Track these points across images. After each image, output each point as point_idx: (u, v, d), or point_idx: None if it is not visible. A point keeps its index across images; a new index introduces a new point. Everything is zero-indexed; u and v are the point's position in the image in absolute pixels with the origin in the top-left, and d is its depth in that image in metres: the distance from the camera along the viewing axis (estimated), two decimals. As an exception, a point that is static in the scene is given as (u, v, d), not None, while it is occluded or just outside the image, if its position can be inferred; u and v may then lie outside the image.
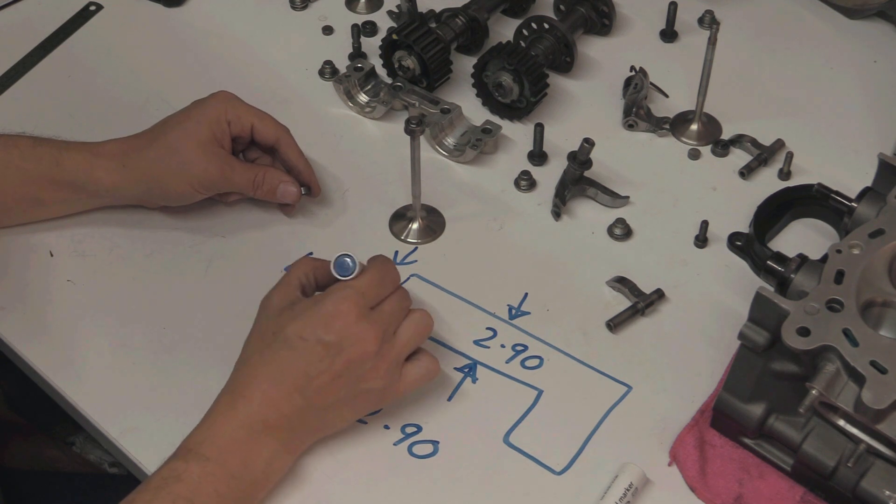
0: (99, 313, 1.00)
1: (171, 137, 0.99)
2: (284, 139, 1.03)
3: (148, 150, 0.99)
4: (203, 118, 1.00)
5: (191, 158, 0.98)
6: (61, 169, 0.98)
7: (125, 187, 1.00)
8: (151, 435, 0.91)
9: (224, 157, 1.00)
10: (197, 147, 0.98)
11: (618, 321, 0.98)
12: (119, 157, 0.99)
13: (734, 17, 1.28)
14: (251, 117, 1.01)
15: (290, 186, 1.02)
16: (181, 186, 1.00)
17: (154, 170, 0.99)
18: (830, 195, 0.97)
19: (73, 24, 1.29)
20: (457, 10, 1.22)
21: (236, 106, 1.01)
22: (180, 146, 0.99)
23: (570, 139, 1.14)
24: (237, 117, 1.01)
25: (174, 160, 0.99)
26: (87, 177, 0.99)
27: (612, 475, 0.87)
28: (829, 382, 0.76)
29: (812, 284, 0.82)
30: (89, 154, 0.99)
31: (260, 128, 1.02)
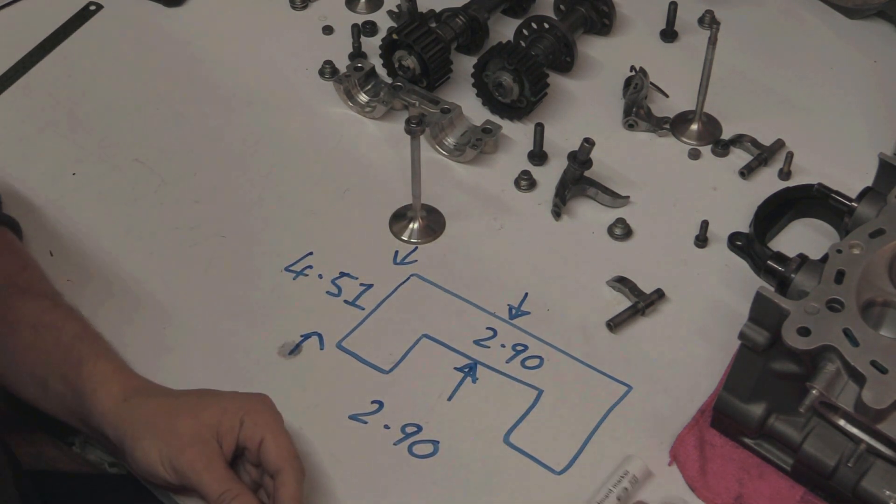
0: (99, 313, 0.99)
1: (182, 401, 0.87)
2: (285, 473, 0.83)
3: (153, 399, 0.88)
4: (224, 402, 0.87)
5: (179, 428, 0.85)
6: (79, 372, 0.88)
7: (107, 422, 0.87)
8: (151, 435, 0.91)
9: (209, 450, 0.84)
10: (192, 422, 0.85)
11: (618, 321, 0.98)
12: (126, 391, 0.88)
13: (734, 17, 1.28)
14: (267, 430, 0.85)
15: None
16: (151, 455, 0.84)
17: (143, 422, 0.86)
18: (831, 195, 0.97)
19: (73, 24, 1.29)
20: (457, 9, 1.22)
21: (261, 412, 0.86)
22: (180, 413, 0.86)
23: (570, 139, 1.14)
24: (254, 422, 0.85)
25: (164, 420, 0.85)
26: (91, 391, 0.88)
27: (611, 475, 0.87)
28: (829, 382, 0.76)
29: (812, 284, 0.82)
30: (110, 371, 0.89)
31: (269, 446, 0.84)
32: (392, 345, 0.97)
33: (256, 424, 0.85)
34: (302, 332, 0.98)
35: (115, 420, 0.86)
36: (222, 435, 0.85)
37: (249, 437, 0.85)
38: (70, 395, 0.89)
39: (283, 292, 1.01)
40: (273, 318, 0.99)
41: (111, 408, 0.87)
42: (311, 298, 1.01)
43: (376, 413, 0.92)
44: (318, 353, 0.97)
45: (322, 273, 1.03)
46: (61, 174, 1.12)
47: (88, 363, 0.89)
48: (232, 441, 0.85)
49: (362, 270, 1.03)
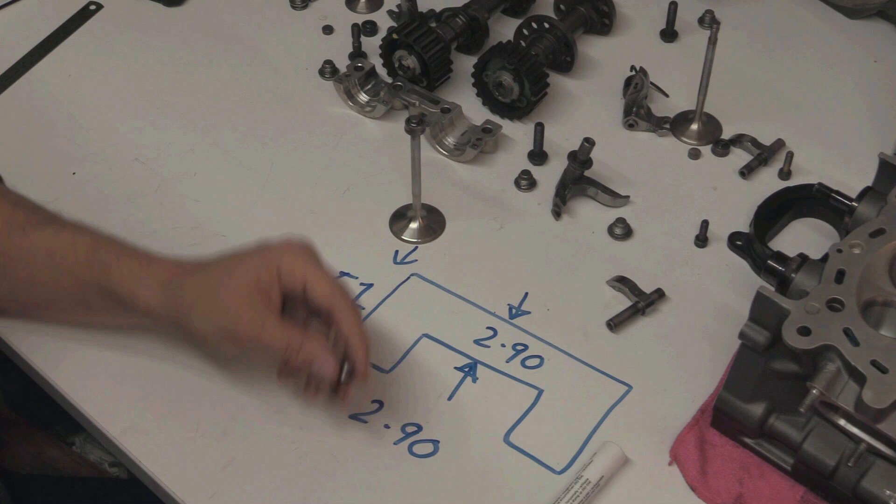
0: (99, 313, 1.00)
1: (215, 273, 0.89)
2: (338, 309, 0.86)
3: (190, 279, 0.89)
4: (255, 260, 0.88)
5: (224, 298, 0.86)
6: (109, 280, 0.90)
7: (159, 312, 0.89)
8: (151, 435, 0.91)
9: (259, 309, 0.85)
10: (235, 288, 0.86)
11: (618, 321, 0.98)
12: (162, 280, 0.89)
13: (734, 17, 1.28)
14: (306, 274, 0.87)
15: (327, 363, 0.85)
16: (208, 329, 0.87)
17: (187, 301, 0.88)
18: (831, 195, 0.97)
19: (73, 24, 1.29)
20: (457, 9, 1.22)
21: (295, 258, 0.87)
22: (218, 282, 0.87)
23: (570, 139, 1.14)
24: (291, 270, 0.86)
25: (208, 294, 0.87)
26: (130, 293, 0.89)
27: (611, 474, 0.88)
28: (829, 382, 0.76)
29: (813, 284, 0.82)
30: (138, 268, 0.90)
31: (312, 289, 0.87)
32: (392, 344, 0.97)
33: (294, 273, 0.86)
34: (302, 331, 0.98)
35: (163, 312, 0.89)
36: (265, 291, 0.86)
37: (291, 286, 0.86)
38: (112, 304, 0.91)
39: (283, 292, 1.01)
40: (273, 317, 0.99)
41: (154, 304, 0.89)
42: (311, 298, 1.01)
43: (376, 413, 0.92)
44: (318, 353, 0.97)
45: (322, 273, 1.03)
46: (61, 174, 1.12)
47: (114, 269, 0.90)
48: (277, 293, 0.86)
49: (362, 270, 1.03)
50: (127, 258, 0.91)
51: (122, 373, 0.95)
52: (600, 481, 0.86)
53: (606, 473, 0.86)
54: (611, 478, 0.87)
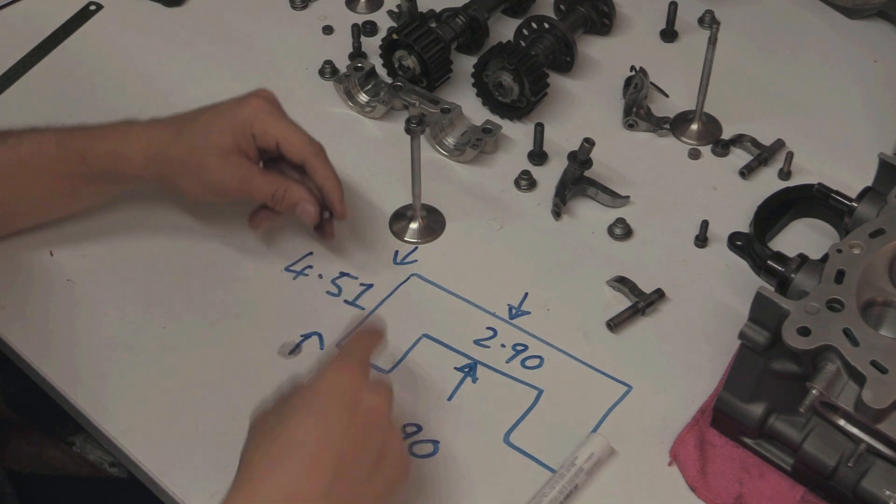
0: (99, 313, 0.99)
1: (195, 138, 0.96)
2: (310, 162, 0.97)
3: (170, 146, 0.97)
4: (229, 125, 0.96)
5: (208, 164, 0.96)
6: (89, 166, 0.97)
7: (149, 177, 0.99)
8: (151, 435, 0.91)
9: (244, 168, 0.96)
10: (217, 154, 0.96)
11: (618, 321, 0.98)
12: (143, 149, 0.97)
13: (734, 17, 1.28)
14: (276, 135, 0.97)
15: (308, 206, 0.97)
16: (196, 189, 0.98)
17: (172, 168, 0.97)
18: (831, 195, 0.97)
19: (73, 24, 1.29)
20: (457, 9, 1.22)
21: (264, 119, 0.96)
22: (200, 150, 0.96)
23: (570, 139, 1.14)
24: (262, 132, 0.96)
25: (193, 163, 0.96)
26: (113, 169, 0.97)
27: (612, 474, 0.87)
28: (829, 382, 0.76)
29: (812, 284, 0.82)
30: (114, 145, 0.97)
31: (285, 147, 0.97)
32: (392, 345, 0.97)
33: (266, 133, 0.96)
34: (302, 332, 0.98)
35: (150, 178, 0.98)
36: (244, 150, 0.96)
37: (265, 145, 0.97)
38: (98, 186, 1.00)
39: (283, 292, 1.01)
40: (273, 318, 0.99)
41: (141, 174, 0.98)
42: (311, 298, 1.01)
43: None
44: (319, 353, 0.97)
45: (322, 273, 1.03)
46: (61, 174, 1.12)
47: (92, 154, 0.97)
48: (254, 152, 0.97)
49: (362, 270, 1.03)
50: (101, 140, 0.97)
51: (122, 373, 0.95)
52: (584, 464, 0.87)
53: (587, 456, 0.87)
54: (596, 461, 0.87)
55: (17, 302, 1.00)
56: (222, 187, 0.97)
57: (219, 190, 0.97)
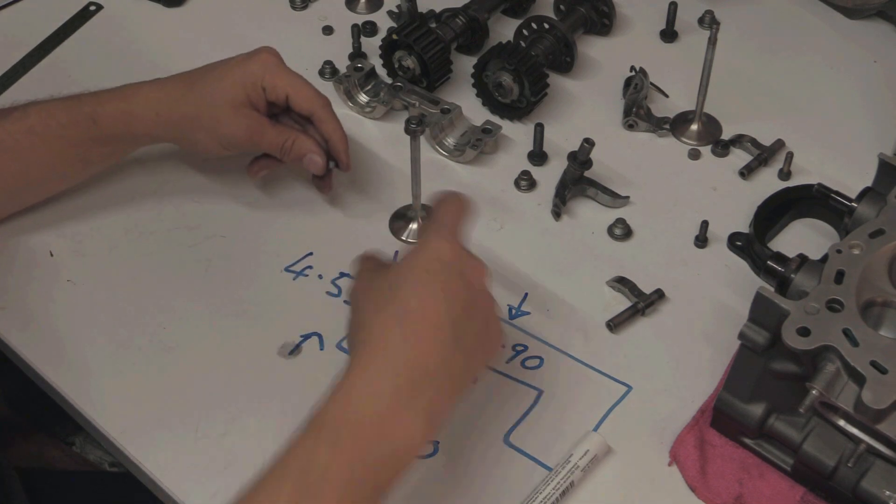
0: (99, 313, 1.00)
1: (206, 93, 1.00)
2: (318, 113, 1.02)
3: (181, 103, 1.00)
4: (239, 79, 0.99)
5: (220, 117, 0.99)
6: (100, 128, 0.99)
7: (160, 135, 1.02)
8: (151, 435, 0.91)
9: (255, 120, 1.00)
10: (229, 107, 0.99)
11: (618, 321, 0.98)
12: (153, 107, 0.99)
13: (734, 17, 1.28)
14: (286, 87, 1.00)
15: (315, 157, 1.01)
16: (209, 143, 1.01)
17: (185, 123, 1.00)
18: (830, 195, 0.97)
19: (73, 24, 1.29)
20: (457, 10, 1.22)
21: (273, 73, 1.00)
22: (212, 104, 0.99)
23: (570, 139, 1.14)
24: (273, 85, 1.00)
25: (205, 116, 0.99)
26: (125, 129, 1.00)
27: (611, 474, 0.87)
28: (829, 382, 0.76)
29: (812, 284, 0.82)
30: (124, 105, 0.99)
31: (295, 99, 1.01)
32: (392, 345, 0.97)
33: (276, 87, 1.00)
34: (302, 332, 0.98)
35: (162, 135, 1.02)
36: (255, 104, 1.00)
37: (276, 98, 1.01)
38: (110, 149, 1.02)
39: (283, 292, 1.01)
40: (273, 318, 0.99)
41: (152, 132, 1.01)
42: (311, 298, 1.01)
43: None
44: (318, 353, 0.97)
45: (322, 273, 1.03)
46: (61, 174, 1.12)
47: (102, 118, 0.99)
48: (264, 105, 1.01)
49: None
50: (110, 102, 0.99)
51: (122, 373, 0.95)
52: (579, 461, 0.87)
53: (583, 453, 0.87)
54: (592, 458, 0.87)
55: (17, 302, 1.00)
56: (234, 139, 1.00)
57: (231, 142, 1.00)
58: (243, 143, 1.01)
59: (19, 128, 0.97)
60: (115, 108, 0.99)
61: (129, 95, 1.00)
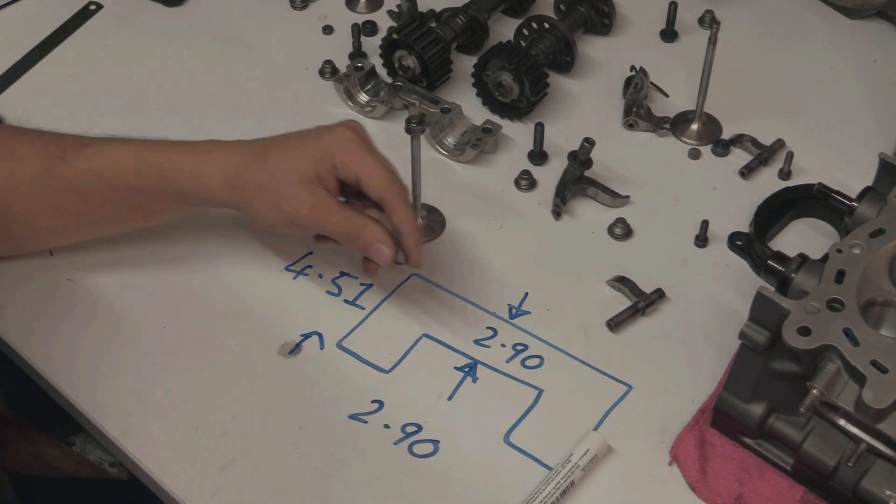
0: (99, 313, 0.99)
1: (274, 162, 0.93)
2: (390, 202, 0.92)
3: (250, 170, 0.93)
4: (310, 153, 0.92)
5: (285, 191, 0.92)
6: (169, 184, 0.94)
7: (227, 200, 0.95)
8: (151, 435, 0.91)
9: (321, 199, 0.92)
10: (295, 181, 0.91)
11: (618, 321, 0.98)
12: (222, 170, 0.94)
13: (734, 17, 1.28)
14: (359, 168, 0.92)
15: (384, 248, 0.92)
16: (272, 216, 0.93)
17: (249, 193, 0.93)
18: (831, 195, 0.97)
19: (73, 24, 1.29)
20: (457, 9, 1.22)
21: (347, 151, 0.92)
22: (278, 175, 0.92)
23: (570, 139, 1.14)
24: (344, 164, 0.92)
25: (269, 187, 0.92)
26: (192, 190, 0.95)
27: (612, 474, 0.87)
28: (829, 382, 0.76)
29: (813, 284, 0.82)
30: (193, 165, 0.94)
31: (366, 182, 0.92)
32: (392, 344, 0.97)
33: (348, 166, 0.92)
34: (302, 332, 0.98)
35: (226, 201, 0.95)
36: (323, 180, 0.92)
37: (346, 177, 0.93)
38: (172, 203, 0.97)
39: (283, 292, 1.01)
40: (273, 318, 0.99)
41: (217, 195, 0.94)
42: (311, 298, 1.01)
43: (376, 413, 0.92)
44: (318, 353, 0.97)
45: (322, 273, 1.03)
46: (61, 174, 1.11)
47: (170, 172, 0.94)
48: (334, 184, 0.93)
49: (362, 270, 1.03)
50: (179, 157, 0.95)
51: (122, 373, 0.95)
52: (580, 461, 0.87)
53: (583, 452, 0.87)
54: (593, 457, 0.87)
55: (17, 302, 1.00)
56: (297, 217, 0.92)
57: (293, 219, 0.93)
58: (306, 223, 0.93)
59: (89, 169, 0.94)
60: (185, 166, 0.94)
61: (203, 154, 0.95)
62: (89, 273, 1.03)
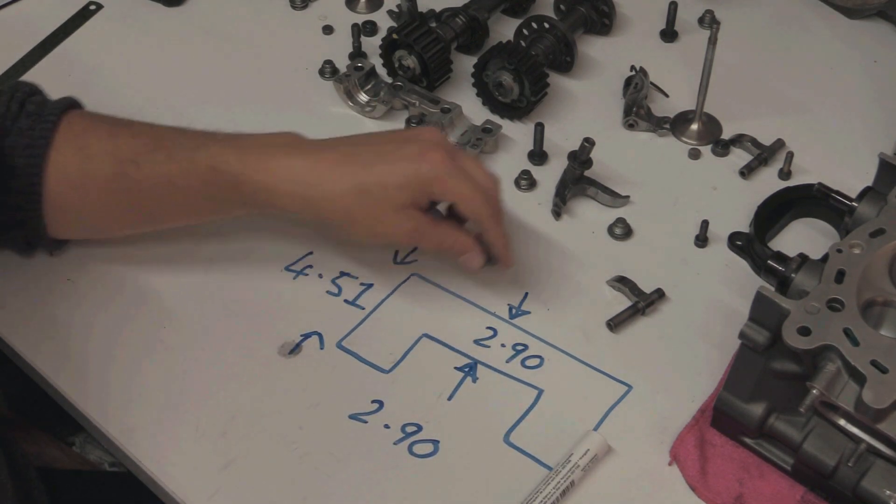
0: (99, 312, 1.00)
1: (368, 190, 0.92)
2: (485, 224, 0.96)
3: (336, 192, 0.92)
4: (405, 182, 0.92)
5: (382, 217, 0.93)
6: (242, 196, 0.93)
7: (305, 218, 0.96)
8: (151, 435, 0.91)
9: (418, 221, 0.94)
10: (392, 211, 0.92)
11: (618, 321, 0.98)
12: (300, 189, 0.92)
13: (734, 17, 1.28)
14: (455, 196, 0.94)
15: (475, 256, 0.97)
16: (362, 237, 0.95)
17: (339, 216, 0.93)
18: (831, 195, 0.97)
19: (73, 24, 1.29)
20: (457, 9, 1.22)
21: (444, 180, 0.92)
22: (375, 205, 0.92)
23: (570, 139, 1.14)
24: (442, 192, 0.93)
25: (362, 213, 0.92)
26: (267, 202, 0.93)
27: (612, 473, 0.88)
28: (829, 382, 0.76)
29: (813, 284, 0.82)
30: (267, 180, 0.92)
31: (462, 206, 0.95)
32: (392, 344, 0.97)
33: (444, 194, 0.94)
34: (302, 331, 0.98)
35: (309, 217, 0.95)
36: (418, 203, 0.93)
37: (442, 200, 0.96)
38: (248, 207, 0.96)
39: (283, 292, 1.01)
40: (273, 318, 0.99)
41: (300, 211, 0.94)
42: (311, 298, 1.01)
43: (376, 413, 0.92)
44: (318, 353, 0.97)
45: (322, 273, 1.03)
46: (61, 174, 1.11)
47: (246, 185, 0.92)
48: (427, 202, 0.94)
49: (362, 270, 1.03)
50: (254, 171, 0.92)
51: (122, 373, 0.95)
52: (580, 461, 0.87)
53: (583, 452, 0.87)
54: (593, 457, 0.87)
55: (17, 302, 1.00)
56: (392, 238, 0.96)
57: (388, 240, 0.98)
58: (401, 243, 0.99)
59: (161, 174, 0.92)
60: (259, 180, 0.92)
61: (278, 169, 0.92)
62: (89, 273, 1.03)
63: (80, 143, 0.94)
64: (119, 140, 0.95)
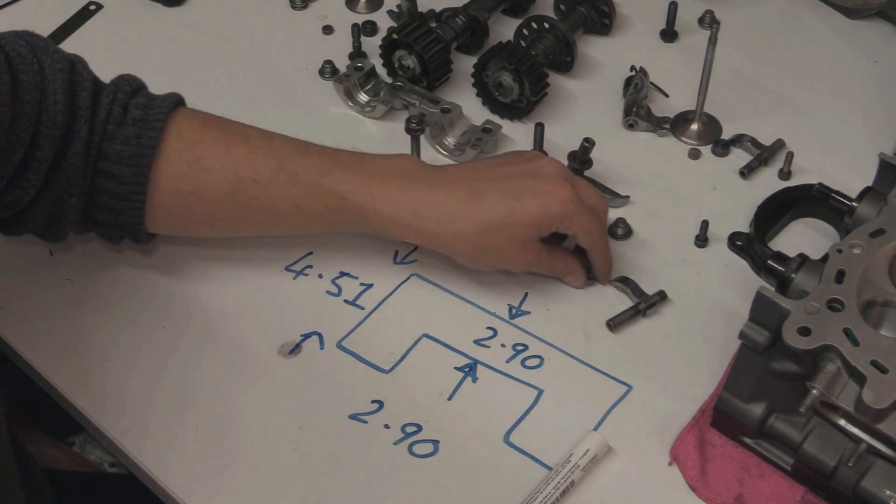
0: (99, 313, 1.00)
1: (499, 227, 0.93)
2: (593, 251, 0.99)
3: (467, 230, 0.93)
4: (535, 221, 0.93)
5: (507, 252, 0.95)
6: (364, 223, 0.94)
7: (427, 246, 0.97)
8: (151, 435, 0.91)
9: (538, 253, 0.96)
10: (519, 246, 0.95)
11: (618, 321, 0.98)
12: (431, 225, 0.93)
13: (734, 17, 1.28)
14: (577, 230, 0.96)
15: (580, 278, 1.00)
16: (477, 265, 0.98)
17: (466, 249, 0.95)
18: (831, 195, 0.97)
19: (73, 24, 1.29)
20: (457, 9, 1.22)
21: (571, 218, 0.94)
22: (503, 242, 0.94)
23: (570, 139, 1.14)
24: (566, 227, 0.95)
25: (490, 250, 0.95)
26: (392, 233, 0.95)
27: (612, 474, 0.87)
28: (829, 382, 0.76)
29: (813, 284, 0.82)
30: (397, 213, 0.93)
31: (581, 239, 0.97)
32: (392, 344, 0.97)
33: (568, 228, 0.96)
34: (302, 332, 0.98)
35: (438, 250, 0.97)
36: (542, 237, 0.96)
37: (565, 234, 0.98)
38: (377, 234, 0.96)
39: (283, 292, 1.01)
40: (273, 318, 0.99)
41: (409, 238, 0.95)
42: (311, 298, 1.01)
43: (376, 413, 0.92)
44: (318, 353, 0.97)
45: (322, 273, 1.03)
46: (61, 174, 1.11)
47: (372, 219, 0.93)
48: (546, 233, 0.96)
49: (362, 270, 1.03)
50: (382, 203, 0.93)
51: (122, 373, 0.95)
52: (580, 461, 0.87)
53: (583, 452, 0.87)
54: (593, 457, 0.87)
55: (17, 302, 1.00)
56: (512, 267, 0.98)
57: (507, 268, 0.98)
58: (518, 270, 0.99)
59: (282, 195, 0.92)
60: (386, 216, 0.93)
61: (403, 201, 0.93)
62: (89, 273, 1.03)
63: (194, 155, 0.92)
64: (236, 155, 0.93)
